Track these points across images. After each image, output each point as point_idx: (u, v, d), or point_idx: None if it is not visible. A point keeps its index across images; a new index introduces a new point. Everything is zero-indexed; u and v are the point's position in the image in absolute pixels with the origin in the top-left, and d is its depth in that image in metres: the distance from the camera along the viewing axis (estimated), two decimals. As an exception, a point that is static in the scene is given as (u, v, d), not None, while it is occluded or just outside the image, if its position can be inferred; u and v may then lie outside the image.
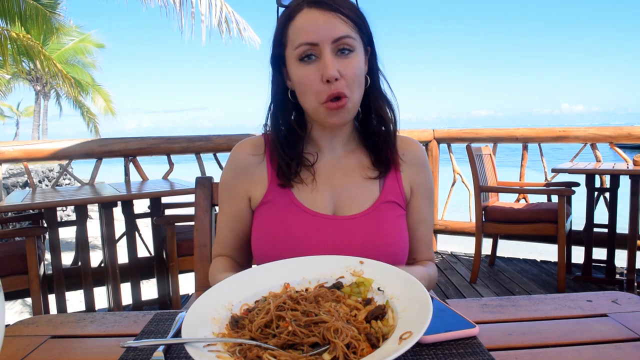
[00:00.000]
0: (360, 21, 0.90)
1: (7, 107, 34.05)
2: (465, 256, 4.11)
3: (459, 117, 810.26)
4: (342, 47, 0.87)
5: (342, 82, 0.87)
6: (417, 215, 1.03)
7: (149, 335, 0.71)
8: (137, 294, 2.93)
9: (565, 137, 3.93)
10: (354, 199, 0.97)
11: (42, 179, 7.63)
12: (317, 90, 0.87)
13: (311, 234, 0.93)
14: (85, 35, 21.18)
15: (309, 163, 0.97)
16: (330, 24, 0.86)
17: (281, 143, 0.95)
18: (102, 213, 2.77)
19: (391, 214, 0.97)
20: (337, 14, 0.86)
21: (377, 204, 0.97)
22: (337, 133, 0.99)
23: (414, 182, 1.02)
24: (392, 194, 0.99)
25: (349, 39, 0.87)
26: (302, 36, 0.86)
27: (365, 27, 0.92)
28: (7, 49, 9.50)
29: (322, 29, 0.85)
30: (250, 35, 6.69)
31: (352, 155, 1.01)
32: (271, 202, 0.97)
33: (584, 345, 0.65)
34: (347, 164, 1.00)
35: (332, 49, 0.86)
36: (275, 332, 0.61)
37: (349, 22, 0.87)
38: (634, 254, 3.01)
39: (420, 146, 1.05)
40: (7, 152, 3.14)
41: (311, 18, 0.86)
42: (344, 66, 0.87)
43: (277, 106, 0.97)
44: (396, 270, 0.74)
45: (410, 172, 1.02)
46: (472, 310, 0.77)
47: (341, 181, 0.98)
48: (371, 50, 0.95)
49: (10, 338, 0.72)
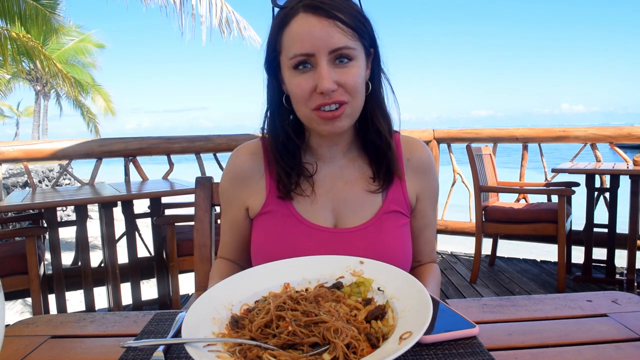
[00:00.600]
0: (362, 26, 0.84)
1: (7, 107, 34.07)
2: (465, 256, 4.11)
3: (459, 117, 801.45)
4: (340, 57, 0.81)
5: (341, 90, 0.82)
6: (423, 220, 1.00)
7: (149, 335, 0.71)
8: (137, 294, 2.93)
9: (565, 137, 3.93)
10: (355, 210, 0.94)
11: (42, 179, 7.63)
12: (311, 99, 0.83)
13: (311, 248, 0.90)
14: (85, 35, 21.20)
15: (308, 174, 0.94)
16: (327, 33, 0.80)
17: (279, 150, 0.92)
18: (102, 213, 2.77)
19: (394, 224, 0.94)
20: (335, 22, 0.80)
21: (379, 215, 0.94)
22: (336, 141, 0.94)
23: (420, 188, 0.98)
24: (395, 203, 0.95)
25: (347, 49, 0.81)
26: (297, 46, 0.81)
27: (367, 31, 0.86)
28: (7, 49, 9.50)
29: (318, 38, 0.80)
30: (250, 35, 6.69)
31: (354, 164, 0.97)
32: (270, 213, 0.95)
33: (584, 345, 0.65)
34: (348, 173, 0.96)
35: (329, 59, 0.81)
36: (275, 332, 0.61)
37: (348, 30, 0.81)
38: (634, 254, 3.01)
39: (426, 149, 1.01)
40: (7, 152, 3.14)
41: (307, 25, 0.80)
42: (342, 76, 0.82)
43: (273, 112, 0.93)
44: (396, 270, 0.74)
45: (416, 179, 0.98)
46: (472, 310, 0.77)
47: (342, 192, 0.95)
48: (374, 53, 0.90)
49: (10, 338, 0.72)
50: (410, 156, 0.98)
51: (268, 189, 0.95)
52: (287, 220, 0.93)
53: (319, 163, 0.96)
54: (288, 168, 0.92)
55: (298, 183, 0.93)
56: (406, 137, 1.00)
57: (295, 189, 0.93)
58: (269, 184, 0.95)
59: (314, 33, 0.80)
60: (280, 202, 0.94)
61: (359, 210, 0.94)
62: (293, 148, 0.93)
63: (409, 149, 0.98)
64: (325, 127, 0.85)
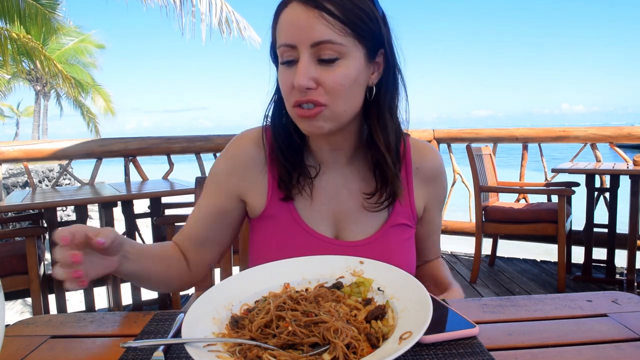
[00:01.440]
0: (360, 22, 0.75)
1: (7, 107, 34.05)
2: (465, 256, 4.11)
3: (459, 117, 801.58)
4: (323, 54, 0.74)
5: (320, 90, 0.75)
6: (430, 227, 0.98)
7: (149, 335, 0.71)
8: (137, 294, 2.93)
9: (565, 137, 3.93)
10: (358, 222, 0.89)
11: (42, 179, 7.63)
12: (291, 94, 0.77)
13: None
14: (85, 35, 21.21)
15: (309, 175, 0.88)
16: (310, 25, 0.73)
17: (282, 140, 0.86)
18: (102, 213, 2.77)
19: (399, 238, 0.90)
20: (322, 13, 0.72)
21: (385, 229, 0.89)
22: (336, 146, 0.87)
23: (428, 197, 0.94)
24: (402, 215, 0.90)
25: (331, 44, 0.73)
26: (283, 36, 0.76)
27: (371, 29, 0.77)
28: (7, 49, 9.51)
29: (300, 29, 0.73)
30: (250, 35, 6.70)
31: (358, 173, 0.90)
32: (273, 219, 0.90)
33: (584, 345, 0.65)
34: (352, 182, 0.90)
35: (311, 53, 0.74)
36: (275, 332, 0.61)
37: (336, 22, 0.73)
38: (634, 254, 3.01)
39: (438, 156, 0.94)
40: (7, 152, 3.14)
41: (293, 15, 0.74)
42: (322, 74, 0.75)
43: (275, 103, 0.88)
44: (396, 270, 0.73)
45: (425, 188, 0.93)
46: (472, 310, 0.77)
47: (346, 201, 0.90)
48: (386, 57, 0.81)
49: (10, 338, 0.72)
50: (419, 164, 0.92)
51: (270, 189, 0.90)
52: (289, 228, 0.88)
53: (322, 167, 0.90)
54: (289, 165, 0.86)
55: (299, 182, 0.88)
56: (417, 143, 0.93)
57: (297, 187, 0.88)
58: (271, 183, 0.90)
59: (297, 23, 0.74)
60: (282, 206, 0.89)
61: (362, 223, 0.89)
62: (295, 146, 0.87)
63: (418, 156, 0.92)
64: (303, 126, 0.79)
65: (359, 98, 0.80)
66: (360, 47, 0.77)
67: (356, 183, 0.90)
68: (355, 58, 0.76)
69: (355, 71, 0.77)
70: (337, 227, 0.90)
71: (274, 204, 0.90)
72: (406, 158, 0.92)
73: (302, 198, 0.90)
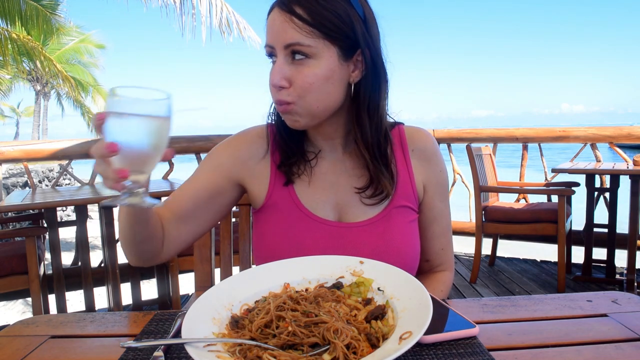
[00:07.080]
0: (329, 23, 0.79)
1: (7, 107, 34.08)
2: (465, 256, 4.11)
3: (459, 117, 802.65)
4: (295, 54, 0.80)
5: (290, 89, 0.81)
6: (430, 213, 0.97)
7: (149, 335, 0.71)
8: (137, 294, 2.93)
9: (565, 137, 3.93)
10: (359, 206, 0.92)
11: (42, 179, 7.63)
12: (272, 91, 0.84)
13: (317, 242, 0.89)
14: (85, 35, 21.20)
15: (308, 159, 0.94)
16: (283, 29, 0.79)
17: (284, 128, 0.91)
18: (102, 213, 2.77)
19: (403, 220, 0.92)
20: (291, 17, 0.79)
21: (388, 209, 0.91)
22: (328, 136, 0.93)
23: (426, 178, 0.96)
24: (404, 197, 0.93)
25: (300, 45, 0.79)
26: (266, 38, 0.84)
27: (343, 30, 0.80)
28: (7, 49, 9.51)
29: (275, 32, 0.81)
30: (250, 35, 6.70)
31: (356, 157, 0.94)
32: (275, 206, 0.93)
33: (584, 345, 0.65)
34: (350, 167, 0.94)
35: (285, 54, 0.81)
36: (275, 332, 0.61)
37: (304, 26, 0.78)
38: (634, 254, 3.01)
39: (430, 137, 0.98)
40: (7, 152, 3.14)
41: (272, 19, 0.82)
42: (294, 73, 0.81)
43: None
44: (396, 270, 0.74)
45: (422, 168, 0.96)
46: (472, 310, 0.77)
47: (347, 184, 0.93)
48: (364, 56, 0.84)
49: (10, 338, 0.72)
50: (414, 146, 0.96)
51: (272, 177, 0.94)
52: (292, 213, 0.92)
53: (322, 153, 0.95)
54: (289, 150, 0.93)
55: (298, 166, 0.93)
56: (410, 128, 0.98)
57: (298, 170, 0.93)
58: (273, 171, 0.94)
59: (274, 27, 0.81)
60: (284, 192, 0.93)
61: (363, 206, 0.92)
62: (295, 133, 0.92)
63: (412, 139, 0.97)
64: (284, 118, 0.86)
65: (336, 94, 0.84)
66: (332, 47, 0.81)
67: (356, 165, 0.94)
68: (325, 58, 0.81)
69: (327, 70, 0.81)
70: (339, 212, 0.93)
71: (276, 192, 0.94)
72: (403, 144, 0.97)
73: (303, 183, 0.94)
